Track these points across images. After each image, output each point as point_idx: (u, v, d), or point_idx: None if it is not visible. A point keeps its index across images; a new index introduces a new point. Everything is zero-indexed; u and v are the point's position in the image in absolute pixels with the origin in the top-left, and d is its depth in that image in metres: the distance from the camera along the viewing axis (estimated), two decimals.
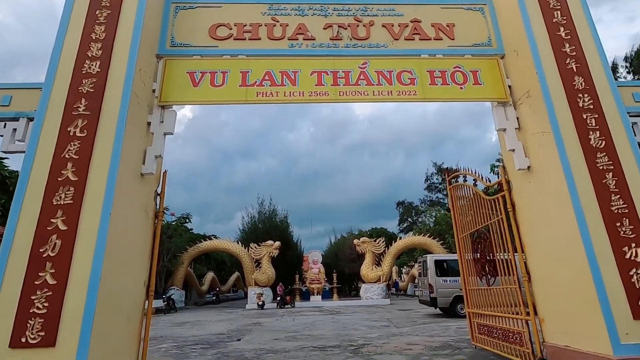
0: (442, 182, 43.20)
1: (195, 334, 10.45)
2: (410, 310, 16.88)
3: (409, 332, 9.63)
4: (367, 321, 12.68)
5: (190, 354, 7.30)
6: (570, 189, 4.13)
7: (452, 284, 13.35)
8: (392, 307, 19.44)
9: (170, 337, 9.96)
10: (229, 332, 10.65)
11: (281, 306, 21.65)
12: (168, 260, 23.63)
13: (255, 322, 13.56)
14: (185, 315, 18.40)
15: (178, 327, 12.50)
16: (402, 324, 11.38)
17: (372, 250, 25.73)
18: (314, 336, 9.28)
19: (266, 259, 24.48)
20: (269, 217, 30.80)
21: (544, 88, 4.60)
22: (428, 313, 14.92)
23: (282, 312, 18.21)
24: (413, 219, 43.05)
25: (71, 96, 4.26)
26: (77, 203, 3.83)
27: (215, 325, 12.91)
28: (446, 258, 14.34)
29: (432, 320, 12.37)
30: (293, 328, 11.27)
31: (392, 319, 12.99)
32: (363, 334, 9.49)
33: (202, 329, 11.86)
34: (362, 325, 11.53)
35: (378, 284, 24.51)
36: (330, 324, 12.20)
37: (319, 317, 15.04)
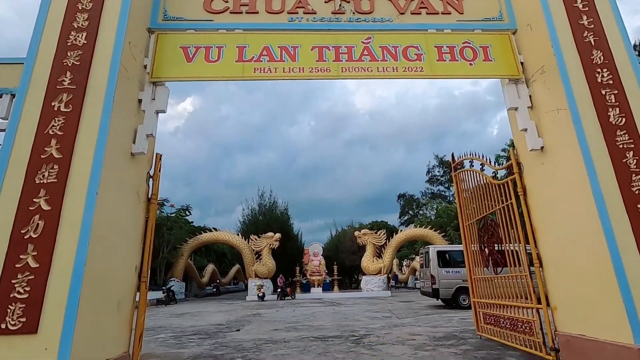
0: (443, 174, 42.94)
1: (194, 325, 10.29)
2: (412, 302, 16.74)
3: (411, 322, 9.45)
4: (368, 312, 12.52)
5: (188, 344, 7.11)
6: (589, 169, 3.87)
7: (455, 275, 13.17)
8: (393, 299, 19.32)
9: (169, 328, 9.79)
10: (228, 323, 10.49)
11: (281, 298, 21.55)
12: (168, 251, 23.52)
13: (255, 313, 13.42)
14: (185, 306, 18.29)
15: (177, 318, 12.35)
16: (403, 315, 11.21)
17: (373, 242, 25.56)
18: (314, 327, 9.11)
19: (266, 250, 24.33)
20: (269, 209, 30.61)
21: (560, 63, 4.31)
22: (430, 304, 14.76)
23: (282, 304, 18.09)
24: (414, 212, 42.85)
25: (55, 70, 3.99)
26: (61, 182, 3.58)
27: (214, 316, 12.76)
28: (448, 249, 14.14)
29: (434, 311, 12.20)
30: (293, 319, 11.11)
31: (393, 310, 12.83)
32: (364, 324, 9.32)
33: (201, 319, 11.70)
34: (364, 316, 11.37)
35: (379, 276, 24.39)
36: (330, 315, 12.04)
37: (320, 308, 14.89)
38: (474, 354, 5.43)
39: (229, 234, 25.54)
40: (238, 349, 6.39)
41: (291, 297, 22.03)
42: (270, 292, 23.14)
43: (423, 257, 14.63)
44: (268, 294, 22.47)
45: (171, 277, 23.99)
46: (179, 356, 5.94)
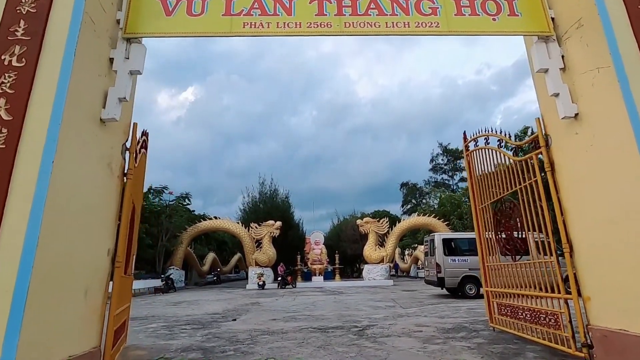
0: (447, 163, 42.28)
1: (190, 314, 9.85)
2: (415, 291, 16.30)
3: (416, 312, 8.96)
4: (370, 301, 12.06)
5: (179, 335, 6.64)
6: (638, 136, 3.26)
7: (461, 263, 12.66)
8: (396, 288, 18.90)
9: (163, 317, 9.36)
10: (225, 312, 10.05)
11: (282, 286, 21.19)
12: (167, 239, 23.11)
13: (254, 302, 13.00)
14: (183, 294, 17.94)
15: (173, 306, 11.94)
16: (408, 305, 10.74)
17: (375, 231, 25.08)
18: (314, 316, 8.64)
19: (267, 239, 23.91)
20: (270, 197, 30.07)
21: (603, 13, 3.66)
22: (434, 294, 14.30)
23: (282, 292, 17.71)
24: (417, 201, 42.28)
25: (7, 17, 3.38)
26: (10, 148, 3.01)
27: (212, 304, 12.34)
28: (455, 237, 13.60)
29: (440, 300, 11.72)
30: (293, 308, 10.66)
31: (397, 300, 12.37)
32: (367, 314, 8.84)
33: (198, 308, 11.28)
34: (366, 305, 10.90)
35: (381, 265, 23.98)
36: (332, 304, 11.59)
37: (321, 297, 14.47)
38: (489, 349, 4.91)
39: (228, 222, 25.10)
40: (231, 341, 5.91)
41: (292, 286, 21.68)
42: (270, 281, 22.80)
43: (428, 245, 14.11)
44: (268, 283, 22.12)
45: (171, 265, 23.66)
46: (165, 349, 5.45)
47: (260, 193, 30.36)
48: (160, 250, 22.65)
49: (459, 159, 41.93)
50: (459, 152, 42.41)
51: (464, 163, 7.02)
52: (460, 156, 42.33)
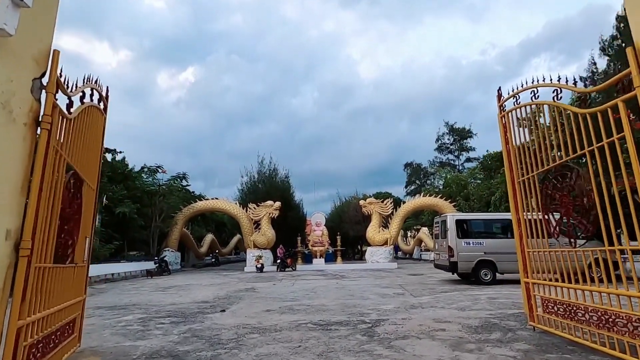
0: (453, 142, 40.80)
1: (175, 302, 8.82)
2: (422, 275, 15.30)
3: (430, 303, 7.88)
4: (376, 287, 11.03)
5: (152, 332, 5.56)
6: None
7: (476, 247, 11.55)
8: (401, 272, 17.94)
9: (144, 306, 8.32)
10: (215, 300, 9.01)
11: (281, 269, 20.29)
12: (161, 220, 22.09)
13: (250, 287, 11.99)
14: (177, 278, 17.03)
15: (161, 293, 10.94)
16: (419, 292, 9.68)
17: (379, 212, 23.99)
18: (314, 307, 7.57)
19: (266, 220, 22.87)
20: (269, 176, 28.79)
21: None
22: (444, 279, 13.28)
23: (281, 276, 16.77)
24: (421, 181, 41.06)
25: None
26: None
27: (203, 290, 11.34)
28: (469, 218, 12.42)
29: (453, 287, 10.67)
30: (291, 295, 9.62)
31: (405, 286, 11.33)
32: (375, 304, 7.76)
33: (187, 295, 10.26)
34: (372, 292, 9.85)
35: (385, 247, 23.00)
36: (334, 290, 10.55)
37: (322, 282, 13.48)
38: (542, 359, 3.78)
39: (225, 202, 24.01)
40: (212, 343, 4.81)
41: (292, 269, 20.78)
42: (269, 264, 21.91)
43: (438, 227, 12.97)
44: (267, 266, 21.23)
45: (165, 247, 22.75)
46: (126, 354, 4.35)
47: (259, 172, 29.08)
48: (154, 232, 21.68)
49: (465, 138, 40.51)
50: (466, 132, 40.95)
51: (498, 125, 5.72)
52: (467, 136, 40.90)
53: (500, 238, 11.88)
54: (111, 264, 16.50)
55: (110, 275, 15.90)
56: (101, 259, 16.26)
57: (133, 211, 19.17)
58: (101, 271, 15.45)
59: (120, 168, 22.17)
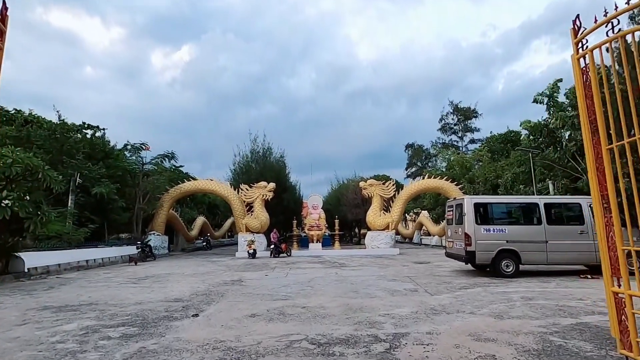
0: (457, 122, 38.99)
1: (142, 300, 7.28)
2: (430, 264, 13.90)
3: (454, 305, 6.39)
4: (382, 280, 9.56)
5: (88, 353, 4.01)
6: None
7: (497, 234, 10.05)
8: (405, 259, 16.55)
9: (102, 306, 6.79)
10: (192, 298, 7.48)
11: (275, 255, 18.87)
12: (146, 202, 20.44)
13: (237, 278, 10.49)
14: (160, 265, 15.53)
15: (132, 286, 9.41)
16: (434, 288, 8.21)
17: (380, 195, 22.48)
18: (311, 310, 6.05)
19: (259, 202, 21.30)
20: (262, 156, 26.98)
21: None
22: (456, 269, 11.87)
23: (274, 263, 15.32)
24: (423, 163, 39.46)
25: None
26: None
27: (182, 282, 9.82)
28: (490, 201, 10.86)
29: (471, 281, 9.22)
30: (283, 291, 8.12)
31: (415, 279, 9.87)
32: (386, 307, 6.26)
33: (161, 289, 8.73)
34: (379, 287, 8.37)
35: (386, 232, 21.61)
36: (334, 284, 9.07)
37: (319, 271, 12.02)
38: None
39: (215, 183, 22.33)
40: None
41: (286, 255, 19.37)
42: (263, 249, 20.49)
43: (452, 212, 11.44)
44: (260, 251, 19.81)
45: (151, 230, 21.22)
46: None
47: (252, 152, 27.22)
48: (138, 214, 20.06)
49: (469, 118, 38.67)
50: (471, 112, 39.08)
51: (574, 71, 4.02)
52: (472, 115, 39.04)
53: (525, 224, 10.39)
54: (86, 250, 14.94)
55: (85, 262, 14.36)
56: (74, 244, 14.69)
57: (113, 191, 17.47)
58: (74, 257, 13.90)
59: (100, 145, 20.34)
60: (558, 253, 9.85)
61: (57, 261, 12.95)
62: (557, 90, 17.41)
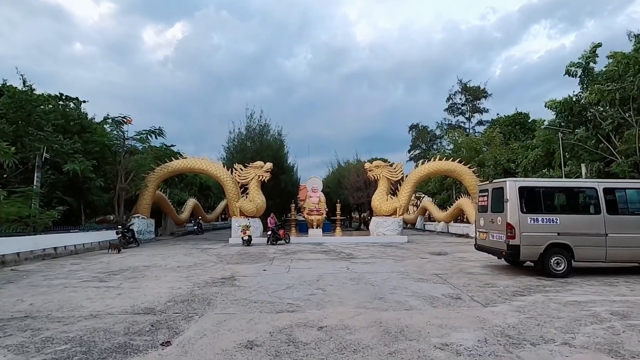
0: (465, 102, 36.91)
1: (99, 311, 5.41)
2: (449, 256, 12.19)
3: (528, 326, 4.59)
4: (407, 279, 7.77)
5: None
6: None
7: (546, 225, 8.28)
8: (417, 248, 14.84)
9: (40, 321, 4.92)
10: (167, 308, 5.62)
11: (273, 242, 17.09)
12: (128, 181, 18.32)
13: (229, 275, 8.65)
14: (142, 253, 13.65)
15: (95, 285, 7.52)
16: (480, 294, 6.43)
17: (387, 177, 20.63)
18: (333, 337, 4.20)
19: (255, 183, 19.35)
20: (259, 133, 24.76)
21: None
22: (488, 264, 10.15)
23: (272, 252, 13.52)
24: (427, 145, 37.54)
25: None
26: None
27: (161, 280, 7.97)
28: (539, 185, 9.00)
29: (517, 281, 7.47)
30: (287, 296, 6.29)
31: (446, 277, 8.10)
32: (435, 329, 4.44)
33: (131, 291, 6.86)
34: (409, 291, 6.57)
35: (393, 218, 19.88)
36: (350, 286, 7.26)
37: (326, 264, 10.22)
38: None
39: (207, 162, 20.24)
40: None
41: (285, 241, 17.61)
42: (259, 234, 18.68)
43: (485, 197, 9.60)
44: (256, 236, 18.00)
45: (135, 213, 19.23)
46: None
47: (248, 128, 24.97)
48: (119, 195, 18.00)
49: (478, 98, 36.55)
50: (480, 91, 36.94)
51: None
52: (481, 95, 36.92)
53: (581, 214, 8.60)
54: (56, 235, 12.96)
55: (53, 250, 12.41)
56: (41, 229, 12.70)
57: (89, 169, 15.35)
58: (38, 245, 11.93)
59: (75, 117, 18.04)
60: (620, 249, 8.12)
61: (16, 249, 10.97)
62: (594, 59, 15.42)
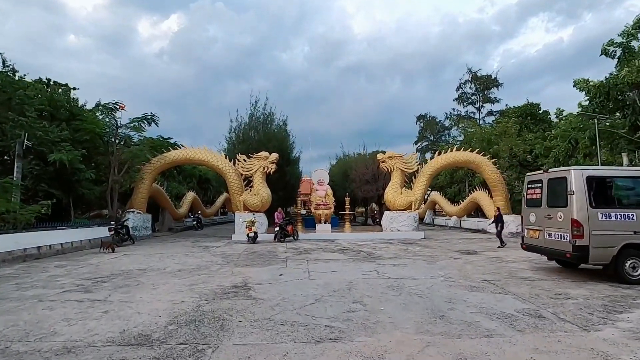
0: (475, 92, 35.44)
1: (75, 342, 4.00)
2: (481, 255, 10.85)
3: None
4: (458, 288, 6.41)
5: None
6: None
7: (621, 222, 6.93)
8: (440, 246, 13.50)
9: None
10: (167, 335, 4.22)
11: (280, 239, 15.71)
12: (122, 173, 16.82)
13: (241, 282, 7.25)
14: (137, 252, 12.23)
15: (77, 298, 6.11)
16: (565, 310, 5.06)
17: (401, 169, 19.24)
18: None
19: (259, 175, 17.92)
20: (263, 122, 23.15)
21: None
22: (535, 265, 8.81)
23: (282, 251, 12.15)
24: (435, 136, 36.12)
25: None
26: None
27: (159, 290, 6.56)
28: (612, 174, 7.60)
29: (591, 290, 6.13)
30: (320, 314, 4.90)
31: (505, 286, 6.74)
32: None
33: (120, 308, 5.45)
34: (471, 306, 5.20)
35: (408, 213, 18.53)
36: (392, 296, 5.87)
37: (349, 267, 8.85)
38: None
39: (207, 152, 18.75)
40: None
41: (293, 238, 16.25)
42: (263, 230, 17.29)
43: (539, 188, 8.22)
44: (261, 233, 16.61)
45: (130, 207, 17.76)
46: None
47: (252, 117, 23.35)
48: (113, 188, 16.51)
49: (489, 88, 35.07)
50: (491, 81, 35.44)
51: None
52: (492, 85, 35.45)
53: None
54: (39, 233, 11.51)
55: (36, 250, 10.96)
56: (22, 226, 11.24)
57: (78, 159, 13.85)
58: (19, 244, 10.49)
59: (64, 104, 16.46)
60: None
61: None
62: (636, 35, 13.96)
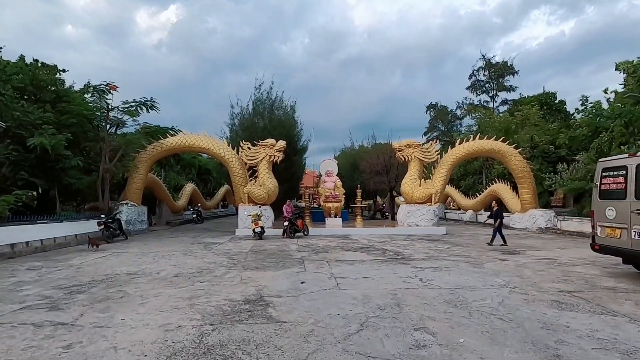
0: (489, 79, 33.70)
1: None
2: (527, 256, 9.34)
3: None
4: (537, 304, 4.89)
5: None
6: None
7: None
8: (468, 243, 12.00)
9: None
10: None
11: (290, 234, 14.20)
12: (114, 161, 15.22)
13: (254, 294, 5.71)
14: (128, 250, 10.70)
15: (35, 322, 4.58)
16: None
17: (420, 159, 17.69)
18: None
19: (265, 165, 16.36)
20: (269, 107, 21.36)
21: None
22: (607, 269, 7.30)
23: (295, 249, 10.63)
24: (447, 126, 34.50)
25: None
26: None
27: (148, 307, 5.03)
28: None
29: None
30: (376, 349, 3.37)
31: (600, 302, 5.21)
32: None
33: (92, 340, 3.91)
34: (588, 337, 3.66)
35: (428, 206, 17.02)
36: (463, 319, 4.33)
37: (381, 271, 7.33)
38: None
39: (208, 139, 17.13)
40: None
41: (304, 233, 14.75)
42: (270, 224, 15.78)
43: (623, 177, 6.67)
44: (267, 227, 15.09)
45: (124, 199, 16.19)
46: None
47: (257, 102, 21.55)
48: (104, 177, 14.91)
49: (504, 76, 33.36)
50: (507, 68, 33.69)
51: None
52: (507, 72, 33.69)
53: None
54: (15, 227, 9.95)
55: (9, 248, 9.41)
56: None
57: (62, 144, 12.26)
58: None
59: (50, 83, 14.78)
60: None
61: None
62: None
